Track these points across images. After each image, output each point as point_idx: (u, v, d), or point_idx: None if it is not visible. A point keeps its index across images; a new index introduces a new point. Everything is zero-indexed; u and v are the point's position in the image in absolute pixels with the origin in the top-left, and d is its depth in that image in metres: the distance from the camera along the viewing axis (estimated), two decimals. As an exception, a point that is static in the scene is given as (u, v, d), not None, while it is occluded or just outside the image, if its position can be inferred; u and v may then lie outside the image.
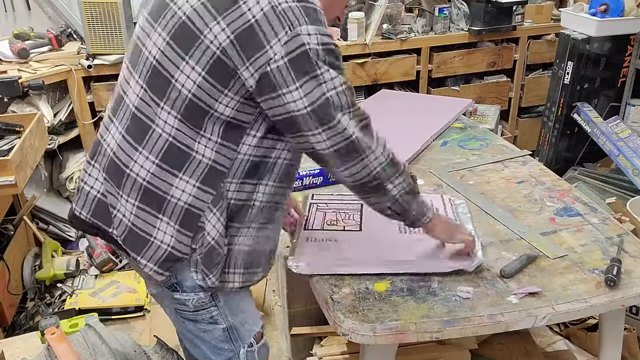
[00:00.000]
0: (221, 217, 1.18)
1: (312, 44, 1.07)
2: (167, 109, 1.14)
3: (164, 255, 1.19)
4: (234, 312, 1.30)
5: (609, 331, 1.54)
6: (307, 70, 1.08)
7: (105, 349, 1.66)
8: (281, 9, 1.05)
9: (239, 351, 1.32)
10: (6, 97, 2.57)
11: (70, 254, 2.79)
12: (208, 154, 1.15)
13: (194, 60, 1.09)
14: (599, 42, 2.95)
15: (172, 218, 1.17)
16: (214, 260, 1.19)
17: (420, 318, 1.25)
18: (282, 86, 1.08)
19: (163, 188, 1.17)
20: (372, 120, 1.24)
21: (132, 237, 1.20)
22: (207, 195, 1.17)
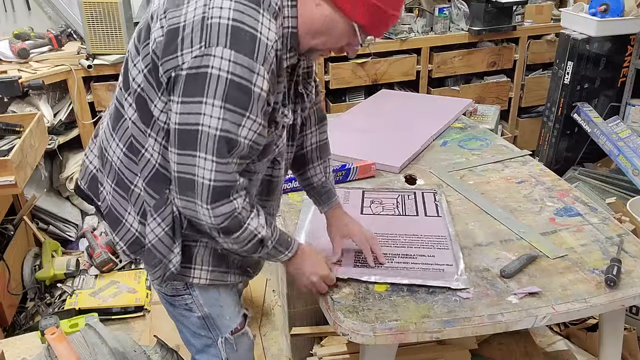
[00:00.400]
0: (162, 224, 1.18)
1: (217, 70, 1.00)
2: (129, 101, 1.17)
3: (132, 238, 1.24)
4: (209, 303, 1.33)
5: (609, 331, 1.54)
6: (196, 92, 1.02)
7: (105, 349, 1.66)
8: (210, 22, 1.01)
9: (217, 340, 1.37)
10: (6, 97, 2.57)
11: (70, 254, 2.79)
12: (155, 155, 1.16)
13: (142, 56, 1.11)
14: (599, 42, 2.95)
15: (135, 207, 1.22)
16: (151, 261, 1.22)
17: (420, 318, 1.25)
18: (174, 94, 1.05)
19: (129, 177, 1.21)
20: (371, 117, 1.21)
21: (111, 215, 1.26)
22: (150, 198, 1.19)
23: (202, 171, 1.05)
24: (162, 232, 1.19)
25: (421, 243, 1.52)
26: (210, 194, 1.07)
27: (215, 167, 1.05)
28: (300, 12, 1.10)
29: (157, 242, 1.20)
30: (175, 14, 1.05)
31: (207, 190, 1.06)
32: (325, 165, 1.49)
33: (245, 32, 1.01)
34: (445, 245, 1.50)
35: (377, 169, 1.92)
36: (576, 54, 2.94)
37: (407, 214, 1.67)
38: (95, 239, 2.76)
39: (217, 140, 1.03)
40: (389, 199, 1.75)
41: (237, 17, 1.01)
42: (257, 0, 1.03)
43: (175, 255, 1.21)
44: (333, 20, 1.09)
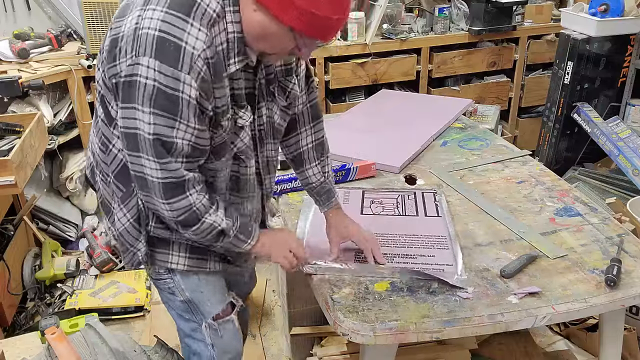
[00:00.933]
0: (128, 214, 1.28)
1: (143, 78, 1.06)
2: (98, 100, 1.23)
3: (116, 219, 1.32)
4: (190, 289, 1.39)
5: (609, 331, 1.54)
6: (130, 99, 1.08)
7: (106, 348, 1.66)
8: (140, 33, 1.06)
9: (201, 324, 1.42)
10: (6, 97, 2.57)
11: (70, 254, 2.78)
12: (117, 151, 1.24)
13: (99, 61, 1.18)
14: (599, 42, 2.95)
15: (115, 197, 1.30)
16: (121, 246, 1.33)
17: (420, 318, 1.25)
18: (118, 99, 1.12)
19: (105, 170, 1.29)
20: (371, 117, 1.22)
21: (104, 204, 1.36)
22: (118, 190, 1.27)
23: (149, 170, 1.13)
24: (128, 223, 1.28)
25: (421, 243, 1.52)
26: (162, 191, 1.14)
27: (158, 166, 1.12)
28: (242, 17, 1.12)
29: (123, 231, 1.30)
30: (118, 24, 1.12)
31: (159, 188, 1.14)
32: (323, 165, 1.49)
33: (169, 42, 1.05)
34: (445, 246, 1.50)
35: (377, 169, 1.92)
36: (576, 54, 2.94)
37: (407, 214, 1.67)
38: (95, 239, 2.76)
39: (152, 143, 1.10)
40: (388, 199, 1.75)
41: (163, 27, 1.05)
42: (188, 10, 1.06)
43: (143, 245, 1.30)
44: (269, 26, 1.10)
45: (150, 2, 1.08)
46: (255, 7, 1.09)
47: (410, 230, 1.58)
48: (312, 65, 3.08)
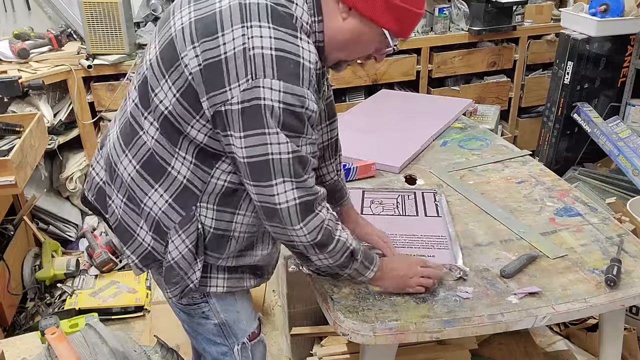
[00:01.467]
0: (187, 240, 1.18)
1: (269, 100, 1.01)
2: (150, 119, 1.15)
3: (144, 252, 1.24)
4: (226, 310, 1.32)
5: (609, 331, 1.54)
6: (255, 125, 1.03)
7: (106, 348, 1.66)
8: (252, 54, 1.00)
9: (233, 347, 1.36)
10: (6, 97, 2.57)
11: (70, 254, 2.79)
12: (184, 171, 1.16)
13: (171, 80, 1.09)
14: (599, 42, 2.95)
15: (147, 224, 1.21)
16: (172, 279, 1.22)
17: (420, 318, 1.25)
18: (231, 129, 1.05)
19: (139, 194, 1.20)
20: (371, 117, 1.23)
21: (121, 228, 1.26)
22: (176, 215, 1.18)
23: (283, 197, 1.07)
24: (186, 249, 1.19)
25: (421, 243, 1.52)
26: (299, 212, 1.09)
27: (295, 186, 1.07)
28: (326, 26, 1.10)
29: (180, 259, 1.20)
30: (212, 45, 1.03)
31: (295, 210, 1.09)
32: (337, 163, 1.49)
33: (289, 60, 1.01)
34: (445, 246, 1.50)
35: (377, 169, 1.92)
36: (576, 54, 2.94)
37: (407, 214, 1.67)
38: (95, 239, 2.76)
39: (291, 162, 1.06)
40: (388, 199, 1.75)
41: (278, 45, 1.01)
42: (293, 24, 1.04)
43: (195, 272, 1.21)
44: (362, 31, 1.10)
45: (249, 19, 1.01)
46: (346, 15, 1.08)
47: (410, 230, 1.58)
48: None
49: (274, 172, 1.06)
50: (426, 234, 1.56)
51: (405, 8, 1.07)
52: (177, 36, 1.07)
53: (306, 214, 1.10)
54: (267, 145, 1.04)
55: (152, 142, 1.16)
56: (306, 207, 1.10)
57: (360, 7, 1.07)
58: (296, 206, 1.08)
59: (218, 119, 1.06)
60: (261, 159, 1.05)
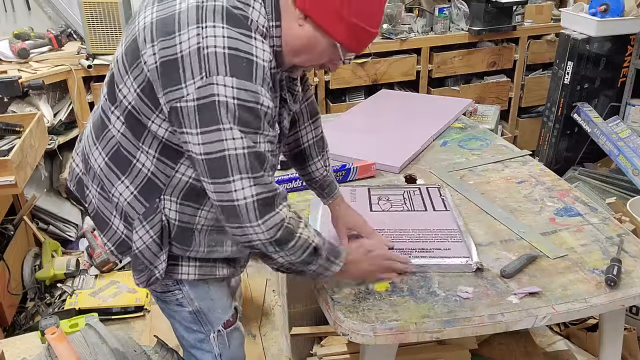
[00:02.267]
0: (151, 231, 1.21)
1: (223, 97, 1.03)
2: (116, 114, 1.19)
3: (119, 240, 1.29)
4: (200, 297, 1.35)
5: (609, 331, 1.54)
6: (211, 121, 1.04)
7: (106, 348, 1.66)
8: (206, 52, 1.02)
9: (209, 334, 1.39)
10: (6, 97, 2.57)
11: (70, 254, 2.79)
12: (148, 165, 1.19)
13: (133, 76, 1.12)
14: (599, 42, 2.95)
15: (117, 212, 1.26)
16: (137, 266, 1.25)
17: (420, 318, 1.25)
18: (187, 126, 1.07)
19: (108, 185, 1.25)
20: (371, 117, 1.23)
21: (98, 217, 1.31)
22: (140, 206, 1.22)
23: (241, 192, 1.08)
24: (150, 240, 1.22)
25: (435, 237, 1.52)
26: (257, 209, 1.09)
27: (252, 182, 1.08)
28: (284, 32, 1.13)
29: (144, 249, 1.23)
30: (169, 44, 1.06)
31: (253, 207, 1.09)
32: (325, 159, 1.51)
33: (242, 59, 1.04)
34: (458, 238, 1.50)
35: (377, 169, 1.92)
36: (576, 54, 2.94)
37: (416, 209, 1.67)
38: (95, 239, 2.75)
39: (247, 157, 1.06)
40: (395, 195, 1.75)
41: (232, 44, 1.03)
42: (248, 26, 1.06)
43: (161, 262, 1.24)
44: (316, 40, 1.12)
45: (204, 19, 1.04)
46: (302, 22, 1.10)
47: (422, 224, 1.58)
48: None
49: (231, 169, 1.07)
50: (438, 227, 1.56)
51: (359, 25, 1.10)
52: (139, 35, 1.11)
53: (265, 211, 1.10)
54: (223, 141, 1.05)
55: (119, 135, 1.20)
56: (265, 204, 1.10)
57: (314, 17, 1.09)
58: (254, 203, 1.09)
59: (174, 115, 1.08)
60: (218, 156, 1.06)
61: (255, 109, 1.05)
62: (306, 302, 2.00)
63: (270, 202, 1.11)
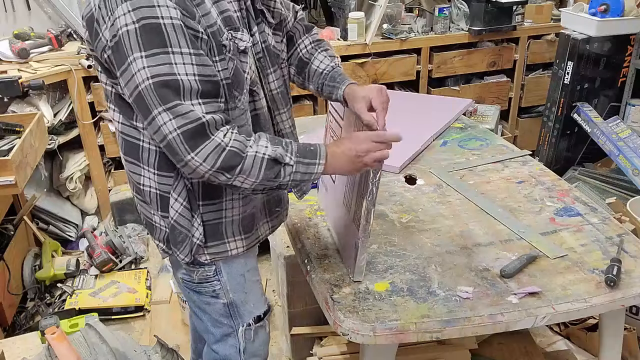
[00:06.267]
0: (179, 198, 1.22)
1: (124, 27, 1.02)
2: (111, 106, 1.22)
3: (165, 236, 1.29)
4: (236, 289, 1.37)
5: (609, 331, 1.54)
6: (123, 58, 1.04)
7: (106, 348, 1.66)
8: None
9: (238, 328, 1.40)
10: (6, 97, 2.57)
11: (70, 254, 2.79)
12: (152, 141, 1.19)
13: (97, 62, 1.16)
14: (599, 42, 2.95)
15: (153, 204, 1.27)
16: (177, 238, 1.26)
17: (420, 318, 1.25)
18: (115, 74, 1.09)
19: (137, 180, 1.26)
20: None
21: (146, 222, 1.34)
22: (168, 179, 1.22)
23: (165, 128, 1.04)
24: (181, 207, 1.23)
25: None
26: (184, 141, 1.04)
27: (171, 115, 1.03)
28: None
29: (178, 217, 1.24)
30: (86, 10, 1.11)
31: (180, 140, 1.04)
32: (329, 54, 1.44)
33: None
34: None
35: (377, 169, 1.92)
36: (576, 54, 2.94)
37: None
38: (95, 239, 2.75)
39: (153, 88, 1.02)
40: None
41: None
42: None
43: (197, 228, 1.25)
44: None
45: None
46: None
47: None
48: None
49: (150, 103, 1.03)
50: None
51: None
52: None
53: (194, 143, 1.04)
54: (134, 76, 1.03)
55: (120, 126, 1.22)
56: (192, 136, 1.04)
57: None
58: (179, 136, 1.04)
59: (106, 67, 1.11)
60: (136, 93, 1.05)
61: (155, 24, 1.01)
62: (306, 302, 2.00)
63: (200, 132, 1.04)
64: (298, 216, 1.68)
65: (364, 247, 1.31)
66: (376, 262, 1.44)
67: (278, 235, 2.01)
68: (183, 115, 1.03)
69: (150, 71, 1.02)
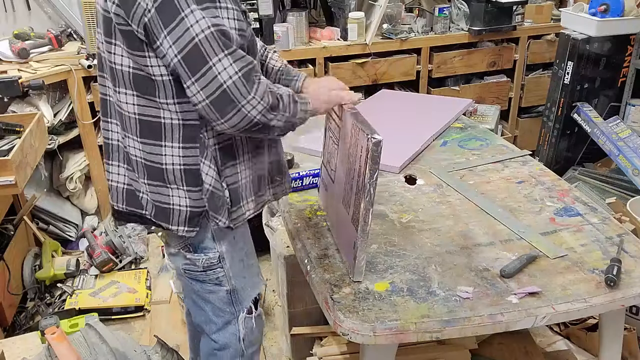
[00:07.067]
0: (211, 164, 1.27)
1: None
2: (123, 91, 1.23)
3: (187, 216, 1.30)
4: (237, 275, 1.42)
5: (609, 331, 1.54)
6: (172, 15, 1.08)
7: (106, 348, 1.66)
8: None
9: (238, 315, 1.45)
10: (6, 97, 2.57)
11: (70, 254, 2.79)
12: (175, 116, 1.23)
13: (115, 39, 1.18)
14: (599, 42, 2.95)
15: (178, 182, 1.28)
16: (217, 203, 1.30)
17: (420, 318, 1.25)
18: (158, 37, 1.11)
19: (156, 160, 1.27)
20: (371, 117, 1.26)
21: (158, 211, 1.32)
22: (194, 150, 1.26)
23: (225, 74, 1.10)
24: (214, 172, 1.27)
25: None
26: (246, 84, 1.12)
27: (231, 59, 1.11)
28: None
29: (215, 183, 1.29)
30: None
31: (242, 84, 1.12)
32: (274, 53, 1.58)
33: None
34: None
35: (377, 169, 1.92)
36: (576, 54, 2.94)
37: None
38: (95, 239, 2.76)
39: (216, 35, 1.09)
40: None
41: None
42: None
43: (226, 190, 1.31)
44: None
45: None
46: None
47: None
48: (312, 65, 3.09)
49: (207, 54, 1.09)
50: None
51: None
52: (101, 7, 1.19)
53: (252, 82, 1.14)
54: (190, 28, 1.08)
55: (137, 108, 1.24)
56: (249, 77, 1.13)
57: None
58: (240, 78, 1.12)
59: (147, 32, 1.12)
60: (191, 47, 1.09)
61: None
62: (306, 302, 2.00)
63: (252, 72, 1.14)
64: (298, 216, 1.68)
65: (363, 248, 1.32)
66: (376, 262, 1.44)
67: (278, 235, 2.01)
68: (241, 59, 1.12)
69: (210, 22, 1.09)
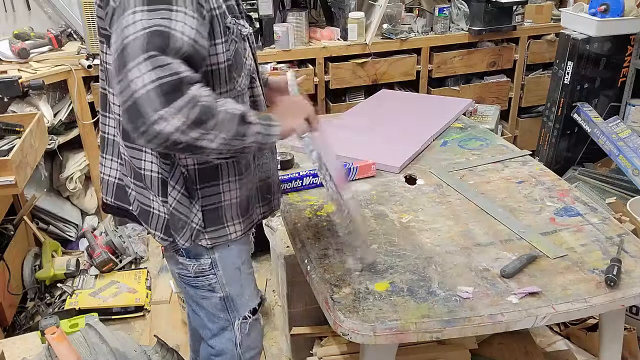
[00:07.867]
0: (177, 186, 1.24)
1: None
2: (112, 92, 1.23)
3: (164, 223, 1.28)
4: (231, 283, 1.39)
5: (609, 331, 1.54)
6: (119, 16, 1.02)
7: (106, 348, 1.66)
8: None
9: (234, 322, 1.42)
10: (6, 97, 2.57)
11: (70, 254, 2.79)
12: None
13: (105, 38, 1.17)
14: (599, 42, 2.95)
15: (154, 189, 1.26)
16: (177, 224, 1.27)
17: (420, 318, 1.25)
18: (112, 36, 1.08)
19: (137, 164, 1.26)
20: (371, 117, 1.23)
21: (141, 211, 1.32)
22: (167, 165, 1.24)
23: (139, 81, 0.95)
24: (179, 194, 1.25)
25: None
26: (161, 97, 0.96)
27: (151, 65, 0.96)
28: None
29: (176, 204, 1.25)
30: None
31: (156, 95, 0.95)
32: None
33: None
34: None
35: (377, 169, 1.92)
36: (576, 54, 2.94)
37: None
38: (95, 239, 2.76)
39: (146, 36, 0.97)
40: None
41: None
42: None
43: (196, 214, 1.27)
44: None
45: None
46: None
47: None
48: (312, 65, 3.09)
49: (130, 56, 0.96)
50: None
51: None
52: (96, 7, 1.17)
53: (171, 97, 0.96)
54: (125, 28, 0.98)
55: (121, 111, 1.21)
56: (168, 91, 0.96)
57: None
58: (156, 89, 0.95)
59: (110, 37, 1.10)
60: (121, 48, 0.98)
61: None
62: (306, 302, 2.00)
63: (176, 87, 0.97)
64: (298, 216, 1.68)
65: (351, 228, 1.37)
66: (376, 262, 1.44)
67: (278, 235, 2.01)
68: (164, 66, 0.97)
69: (151, 22, 0.98)
